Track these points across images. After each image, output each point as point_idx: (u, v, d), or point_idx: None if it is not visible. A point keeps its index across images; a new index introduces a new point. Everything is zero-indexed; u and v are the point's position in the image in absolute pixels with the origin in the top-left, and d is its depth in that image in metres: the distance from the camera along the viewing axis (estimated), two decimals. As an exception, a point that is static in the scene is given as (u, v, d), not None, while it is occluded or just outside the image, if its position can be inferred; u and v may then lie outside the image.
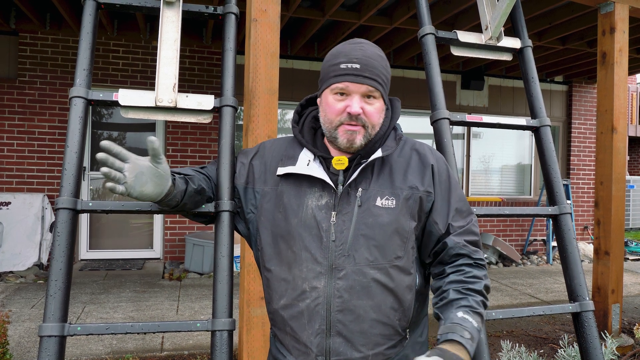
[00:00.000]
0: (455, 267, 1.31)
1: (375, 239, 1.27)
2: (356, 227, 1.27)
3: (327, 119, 1.31)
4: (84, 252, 6.51)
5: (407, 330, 1.33)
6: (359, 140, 1.28)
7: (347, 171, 1.32)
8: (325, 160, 1.34)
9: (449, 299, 1.27)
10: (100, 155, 1.20)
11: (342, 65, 1.27)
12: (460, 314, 1.23)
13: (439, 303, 1.30)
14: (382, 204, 1.28)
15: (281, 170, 1.35)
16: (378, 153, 1.30)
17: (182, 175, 1.38)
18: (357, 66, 1.26)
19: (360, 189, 1.29)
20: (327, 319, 1.26)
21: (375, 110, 1.29)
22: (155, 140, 1.24)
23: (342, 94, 1.28)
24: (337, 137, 1.29)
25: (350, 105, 1.26)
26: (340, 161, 1.30)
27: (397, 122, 1.41)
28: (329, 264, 1.26)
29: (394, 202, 1.29)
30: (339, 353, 1.26)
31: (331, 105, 1.29)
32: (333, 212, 1.28)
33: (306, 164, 1.33)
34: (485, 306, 1.29)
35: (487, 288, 1.31)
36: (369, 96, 1.28)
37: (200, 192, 1.45)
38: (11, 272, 5.75)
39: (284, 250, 1.32)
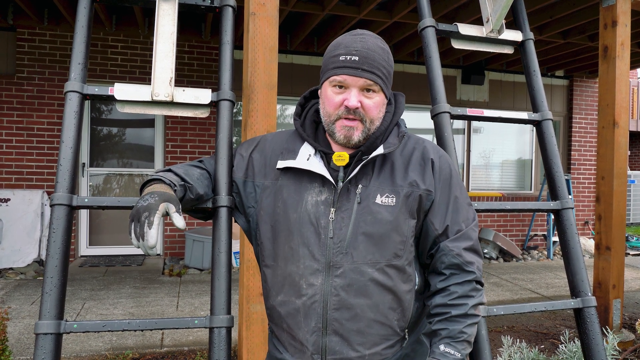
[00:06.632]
0: (443, 285, 1.28)
1: (374, 237, 1.24)
2: (355, 225, 1.24)
3: (325, 112, 1.28)
4: (84, 249, 6.50)
5: (406, 330, 1.31)
6: (357, 136, 1.25)
7: (348, 167, 1.28)
8: (326, 155, 1.31)
9: (432, 328, 1.28)
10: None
11: (341, 57, 1.23)
12: (442, 347, 1.24)
13: (426, 328, 1.31)
14: (382, 201, 1.25)
15: (281, 164, 1.32)
16: (379, 150, 1.26)
17: (182, 184, 1.33)
18: (356, 58, 1.22)
19: (360, 186, 1.26)
20: (324, 317, 1.23)
21: (374, 104, 1.25)
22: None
23: (340, 86, 1.24)
24: (335, 132, 1.27)
25: (348, 99, 1.23)
26: (340, 157, 1.27)
27: (402, 117, 1.38)
28: (326, 261, 1.24)
29: (394, 200, 1.25)
30: (335, 352, 1.24)
31: (329, 98, 1.26)
32: (332, 209, 1.25)
33: (306, 158, 1.30)
34: (475, 324, 1.28)
35: (476, 305, 1.27)
36: (368, 90, 1.24)
37: (198, 199, 1.42)
38: (11, 268, 5.75)
39: (282, 246, 1.29)
